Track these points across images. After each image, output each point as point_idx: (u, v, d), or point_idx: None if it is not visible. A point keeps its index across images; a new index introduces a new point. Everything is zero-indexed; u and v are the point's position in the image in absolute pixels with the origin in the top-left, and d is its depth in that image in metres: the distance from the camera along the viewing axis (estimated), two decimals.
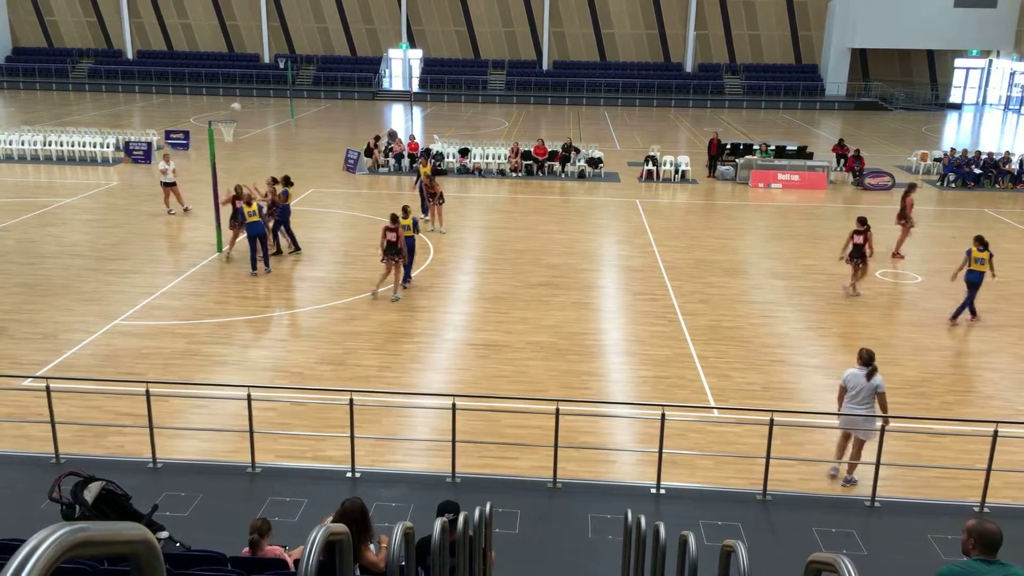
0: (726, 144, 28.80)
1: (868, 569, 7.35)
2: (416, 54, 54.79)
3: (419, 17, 54.20)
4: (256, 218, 16.31)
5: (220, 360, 12.50)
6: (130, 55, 55.66)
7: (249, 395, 9.02)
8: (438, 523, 4.99)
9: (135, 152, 28.64)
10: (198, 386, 11.36)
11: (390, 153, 28.60)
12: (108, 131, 31.03)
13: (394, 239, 15.03)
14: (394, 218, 15.37)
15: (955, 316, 14.54)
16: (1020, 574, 4.36)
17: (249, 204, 16.44)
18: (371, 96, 51.90)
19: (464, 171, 28.02)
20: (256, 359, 12.60)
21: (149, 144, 28.82)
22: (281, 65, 50.84)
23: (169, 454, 9.55)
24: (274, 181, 18.25)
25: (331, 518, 5.24)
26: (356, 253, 18.27)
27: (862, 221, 15.80)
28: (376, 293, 15.36)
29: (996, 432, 8.57)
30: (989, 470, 8.63)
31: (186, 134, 31.62)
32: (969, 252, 14.30)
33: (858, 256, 15.65)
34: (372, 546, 5.56)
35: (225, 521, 8.03)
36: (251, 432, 9.07)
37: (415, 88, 52.38)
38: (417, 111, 47.01)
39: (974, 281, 14.29)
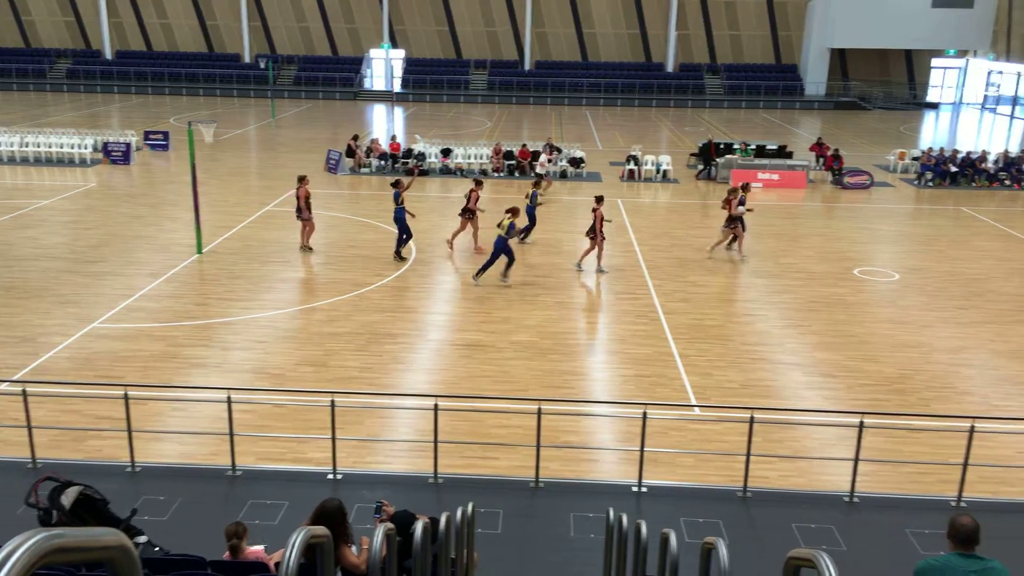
0: (720, 144, 28.94)
1: (847, 564, 7.41)
2: (398, 54, 54.66)
3: (401, 17, 54.08)
4: (503, 232, 16.30)
5: (200, 362, 12.41)
6: (109, 55, 55.15)
7: (229, 397, 8.97)
8: (419, 524, 4.98)
9: (114, 153, 28.37)
10: (177, 389, 11.28)
11: (371, 153, 28.51)
12: (86, 132, 30.72)
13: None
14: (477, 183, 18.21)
15: None
16: (997, 567, 4.40)
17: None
18: (353, 96, 51.72)
19: (446, 171, 27.99)
20: (236, 361, 12.52)
21: (128, 145, 28.57)
22: (262, 65, 50.59)
23: (148, 458, 9.48)
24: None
25: (308, 520, 5.22)
26: (337, 254, 18.20)
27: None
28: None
29: (973, 428, 8.67)
30: (966, 465, 8.73)
31: (166, 135, 31.37)
32: None
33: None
34: (353, 548, 5.54)
35: (205, 525, 7.97)
36: (231, 435, 9.01)
37: (397, 88, 52.25)
38: (399, 111, 46.90)
39: None
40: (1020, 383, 12.25)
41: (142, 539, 6.60)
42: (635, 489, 9.02)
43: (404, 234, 17.71)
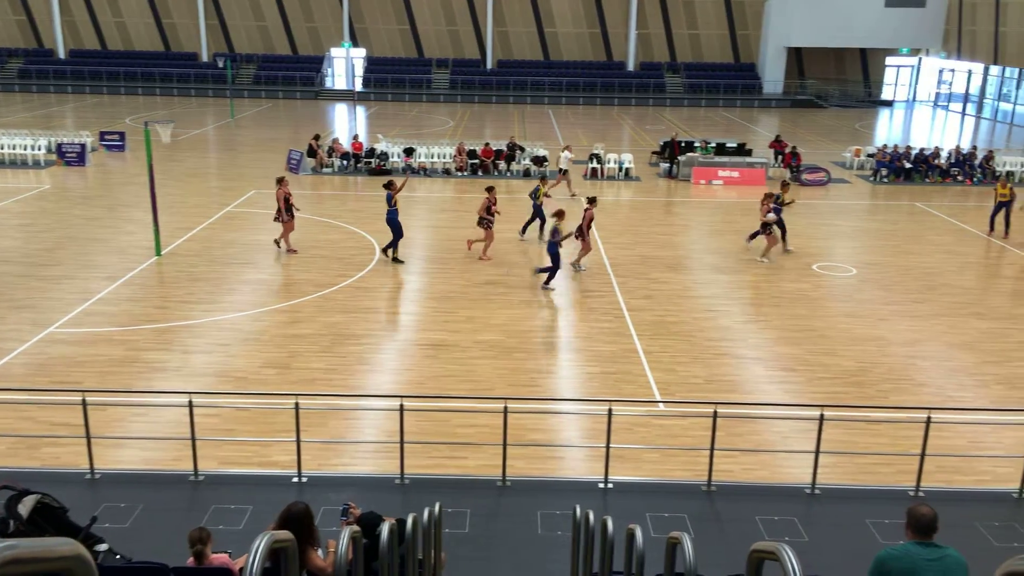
0: (682, 142, 29.19)
1: (809, 555, 7.55)
2: (359, 53, 54.28)
3: (361, 16, 53.70)
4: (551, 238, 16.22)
5: (160, 366, 12.22)
6: (62, 54, 53.94)
7: (191, 401, 8.85)
8: (386, 527, 4.97)
9: (68, 154, 27.76)
10: (137, 394, 11.09)
11: (333, 153, 28.29)
12: (40, 133, 30.00)
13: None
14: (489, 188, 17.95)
15: None
16: (954, 555, 4.50)
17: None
18: (314, 96, 51.26)
19: (409, 170, 27.87)
20: (198, 364, 12.35)
21: (83, 146, 27.98)
22: (220, 64, 49.88)
23: (108, 464, 9.31)
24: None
25: (274, 524, 5.17)
26: (300, 255, 18.03)
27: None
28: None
29: (929, 419, 8.87)
30: (923, 455, 8.93)
31: (122, 135, 30.78)
32: None
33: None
34: (319, 551, 5.50)
35: (167, 531, 7.86)
36: (193, 439, 8.89)
37: (358, 87, 51.89)
38: (361, 110, 46.58)
39: None
40: (974, 374, 12.56)
41: (103, 547, 6.48)
42: (601, 486, 9.08)
43: (398, 236, 17.52)
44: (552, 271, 16.00)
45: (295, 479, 8.99)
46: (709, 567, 5.72)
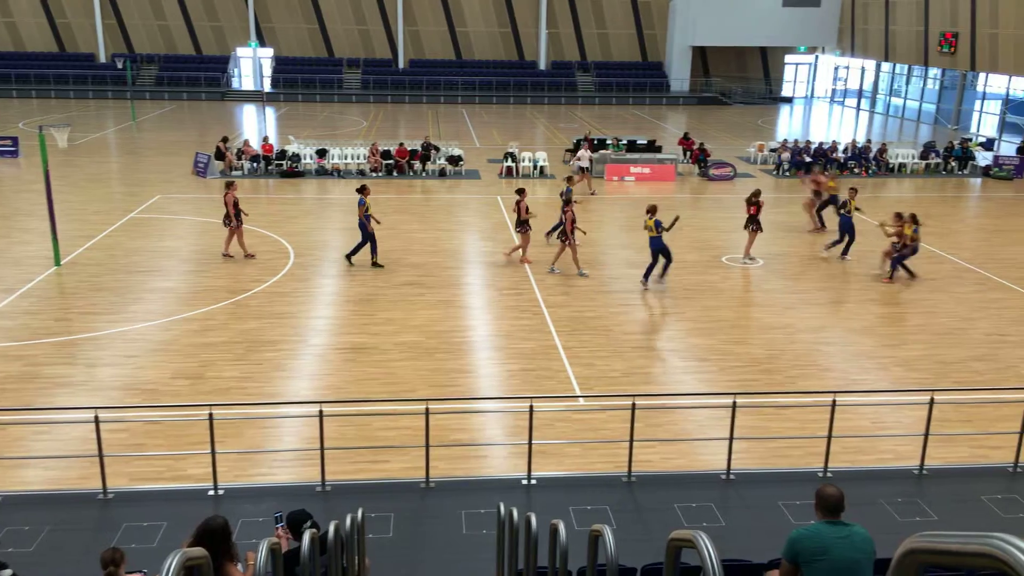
0: (594, 140, 29.60)
1: (726, 539, 7.78)
2: (267, 52, 53.01)
3: (268, 14, 52.46)
4: (654, 233, 15.94)
5: (64, 381, 11.68)
6: None
7: (97, 416, 8.49)
8: (307, 535, 4.89)
9: None
10: (39, 411, 10.57)
11: (243, 156, 27.57)
12: None
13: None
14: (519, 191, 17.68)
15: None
16: (861, 533, 4.71)
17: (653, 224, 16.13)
18: (220, 96, 49.80)
19: (323, 172, 27.41)
20: (104, 378, 11.86)
21: None
22: (119, 65, 47.94)
23: (9, 486, 8.86)
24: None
25: (189, 540, 5.02)
26: (210, 260, 17.52)
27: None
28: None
29: (834, 402, 9.27)
30: (830, 437, 9.32)
31: (15, 141, 29.22)
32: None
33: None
34: (239, 565, 5.37)
35: (76, 553, 7.54)
36: (100, 456, 8.54)
37: (267, 88, 50.70)
38: (270, 111, 45.52)
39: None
40: (874, 357, 13.19)
41: (6, 573, 6.17)
42: (525, 482, 9.14)
43: (371, 241, 17.18)
44: (652, 267, 16.22)
45: (211, 492, 8.74)
46: (631, 555, 5.85)
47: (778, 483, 9.25)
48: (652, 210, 16.22)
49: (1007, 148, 33.84)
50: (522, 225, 17.56)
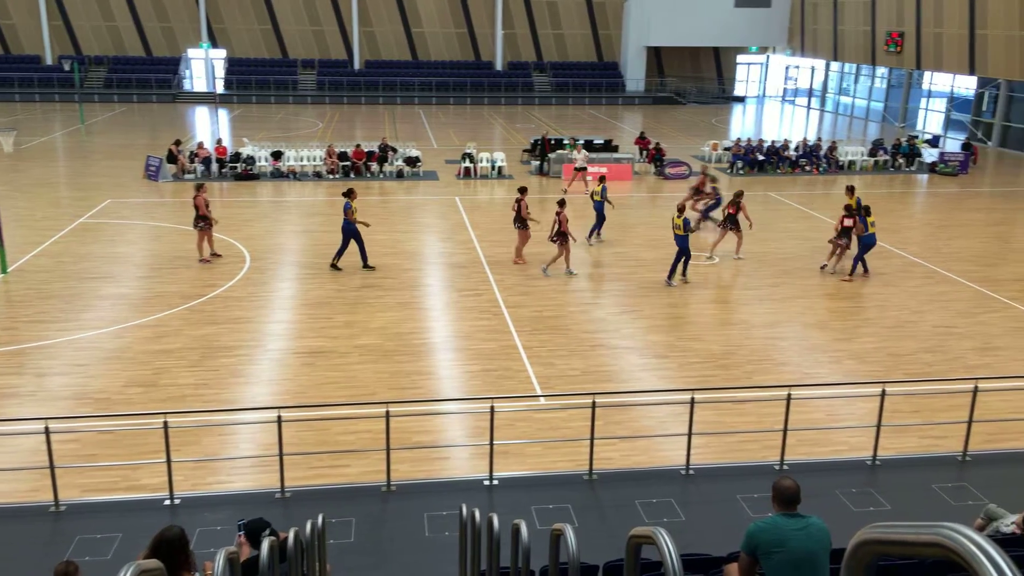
0: (552, 140, 29.69)
1: (686, 534, 7.88)
2: (219, 54, 52.20)
3: (220, 15, 51.66)
4: (681, 232, 16.25)
5: (11, 392, 11.37)
6: None
7: (47, 427, 8.29)
8: (265, 543, 4.83)
9: None
10: None
11: (196, 158, 27.12)
12: None
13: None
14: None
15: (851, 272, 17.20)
16: (817, 523, 4.80)
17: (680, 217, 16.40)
18: (172, 98, 48.91)
19: (278, 175, 27.08)
20: (54, 388, 11.57)
21: None
22: (66, 67, 46.79)
23: None
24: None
25: (145, 552, 4.93)
26: (163, 265, 17.20)
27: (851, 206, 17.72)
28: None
29: (789, 396, 9.44)
30: (785, 431, 9.49)
31: None
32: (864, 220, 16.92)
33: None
34: (196, 575, 5.29)
35: (28, 568, 7.35)
36: (52, 468, 8.33)
37: (220, 89, 49.93)
38: (223, 113, 44.84)
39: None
40: (827, 351, 13.45)
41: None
42: (487, 483, 9.15)
43: (358, 243, 16.93)
44: (677, 264, 16.57)
45: (167, 502, 8.58)
46: (593, 552, 5.88)
47: (736, 477, 9.39)
48: (681, 209, 16.82)
49: (952, 145, 34.75)
50: (521, 223, 17.65)
